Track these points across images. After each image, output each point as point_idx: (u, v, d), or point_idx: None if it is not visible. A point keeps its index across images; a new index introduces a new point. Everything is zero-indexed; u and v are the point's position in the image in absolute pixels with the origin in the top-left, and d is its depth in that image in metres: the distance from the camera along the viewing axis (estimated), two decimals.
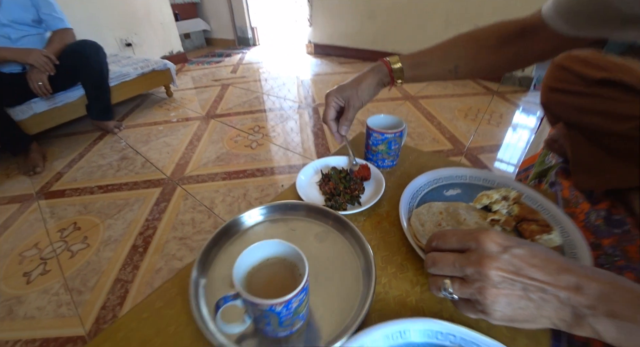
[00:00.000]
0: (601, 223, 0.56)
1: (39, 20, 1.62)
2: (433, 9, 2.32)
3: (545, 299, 0.28)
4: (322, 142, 1.54)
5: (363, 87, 0.55)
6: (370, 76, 0.56)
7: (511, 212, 0.49)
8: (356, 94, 0.55)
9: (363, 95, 0.55)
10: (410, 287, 0.41)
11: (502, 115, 1.75)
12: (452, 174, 0.59)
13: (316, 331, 0.36)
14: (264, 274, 0.35)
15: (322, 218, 0.50)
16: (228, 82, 2.52)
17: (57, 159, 1.62)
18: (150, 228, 1.08)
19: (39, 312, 0.84)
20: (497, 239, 0.30)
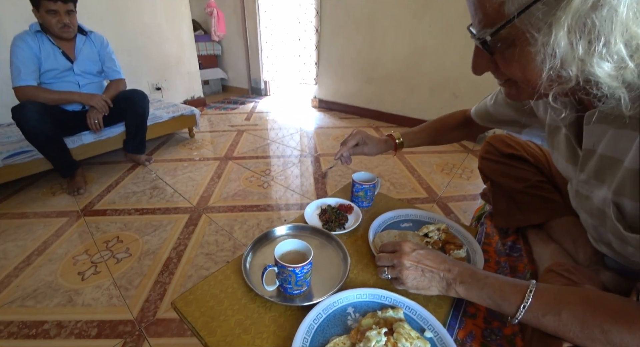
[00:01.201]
0: (503, 249, 0.86)
1: (101, 71, 2.02)
2: (420, 80, 2.79)
3: (433, 276, 0.57)
4: (321, 187, 1.86)
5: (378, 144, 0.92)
6: (383, 142, 0.92)
7: (440, 238, 0.79)
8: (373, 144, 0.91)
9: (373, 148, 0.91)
10: (370, 276, 0.69)
11: (472, 170, 2.09)
12: (408, 213, 0.89)
13: (314, 292, 0.64)
14: (288, 258, 0.64)
15: (320, 235, 0.79)
16: (243, 129, 2.91)
17: (96, 183, 1.92)
18: (182, 245, 1.34)
19: (94, 302, 1.09)
20: (410, 245, 0.60)
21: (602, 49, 0.33)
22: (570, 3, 0.31)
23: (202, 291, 0.65)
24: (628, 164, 0.42)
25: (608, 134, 0.45)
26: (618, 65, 0.34)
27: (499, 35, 0.38)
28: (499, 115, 0.81)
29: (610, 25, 0.31)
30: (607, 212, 0.49)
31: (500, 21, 0.37)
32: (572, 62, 0.35)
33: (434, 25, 2.55)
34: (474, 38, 0.43)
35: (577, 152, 0.53)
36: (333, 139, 2.66)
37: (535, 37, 0.35)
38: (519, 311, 0.47)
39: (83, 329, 0.99)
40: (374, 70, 3.06)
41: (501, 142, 0.99)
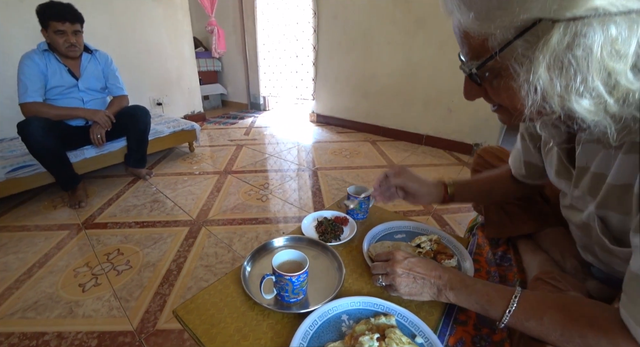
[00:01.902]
0: (493, 259, 0.89)
1: (105, 88, 2.08)
2: (414, 95, 2.86)
3: (425, 283, 0.60)
4: (318, 200, 1.89)
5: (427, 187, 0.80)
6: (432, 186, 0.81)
7: (432, 248, 0.82)
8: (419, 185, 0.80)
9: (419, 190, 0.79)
10: (364, 285, 0.72)
11: None
12: (401, 225, 0.93)
13: (310, 300, 0.66)
14: (285, 267, 0.67)
15: (317, 246, 0.82)
16: (242, 143, 2.96)
17: (97, 197, 1.95)
18: (182, 257, 1.37)
19: (95, 313, 1.10)
20: (402, 254, 0.63)
21: (579, 86, 0.34)
22: (547, 42, 0.33)
23: (202, 300, 0.68)
24: (611, 180, 0.45)
25: (600, 153, 0.47)
26: (597, 101, 0.35)
27: (485, 67, 0.41)
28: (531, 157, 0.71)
29: (586, 64, 0.32)
30: (592, 226, 0.52)
31: (485, 55, 0.39)
32: (553, 97, 0.36)
33: (427, 42, 2.65)
34: (463, 69, 0.45)
35: (570, 169, 0.55)
36: (331, 153, 2.70)
37: (518, 71, 0.37)
38: (505, 316, 0.50)
39: (83, 340, 1.00)
40: (370, 85, 3.15)
41: (492, 155, 1.04)
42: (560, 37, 0.32)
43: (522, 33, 0.35)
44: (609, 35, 0.31)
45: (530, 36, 0.34)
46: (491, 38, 0.37)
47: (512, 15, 0.34)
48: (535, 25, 0.34)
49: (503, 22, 0.35)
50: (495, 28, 0.36)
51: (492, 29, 0.37)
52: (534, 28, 0.34)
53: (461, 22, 0.40)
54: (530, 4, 0.33)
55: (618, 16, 0.30)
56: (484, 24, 0.37)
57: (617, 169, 0.44)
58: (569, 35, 0.32)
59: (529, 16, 0.33)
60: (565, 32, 0.32)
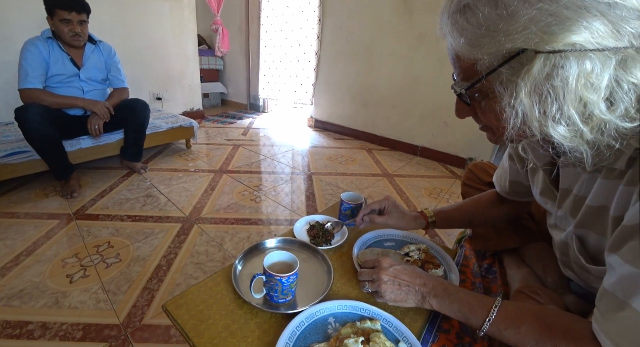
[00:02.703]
0: (479, 271, 0.91)
1: (106, 79, 2.08)
2: (412, 107, 2.91)
3: (409, 290, 0.61)
4: (311, 204, 1.91)
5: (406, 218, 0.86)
6: (412, 218, 0.86)
7: (420, 257, 0.84)
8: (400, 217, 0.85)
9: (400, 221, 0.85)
10: (352, 289, 0.73)
11: (459, 196, 2.14)
12: (391, 233, 0.95)
13: (298, 301, 0.68)
14: (276, 268, 0.68)
15: (307, 249, 0.84)
16: (239, 143, 2.97)
17: (90, 188, 1.94)
18: (172, 253, 1.37)
19: (81, 305, 1.10)
20: (388, 261, 0.65)
21: (556, 113, 0.37)
22: (529, 70, 0.36)
23: (192, 296, 0.69)
24: (589, 202, 0.48)
25: (582, 176, 0.49)
26: (572, 129, 0.37)
27: (474, 89, 0.44)
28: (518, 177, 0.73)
29: (563, 93, 0.35)
30: (570, 244, 0.55)
31: (474, 77, 0.42)
32: (532, 121, 0.38)
33: (428, 57, 2.70)
34: (454, 88, 0.48)
35: (554, 190, 0.58)
36: (326, 158, 2.73)
37: (502, 94, 0.40)
38: (484, 324, 0.52)
39: (68, 332, 1.00)
40: (369, 95, 3.19)
41: (481, 170, 1.07)
42: (541, 67, 0.35)
43: (508, 60, 0.38)
44: (584, 68, 0.34)
45: (515, 63, 0.37)
46: (479, 62, 0.40)
47: (498, 43, 0.37)
48: (519, 54, 0.36)
49: (490, 49, 0.38)
50: (483, 54, 0.39)
51: (480, 55, 0.40)
52: (519, 57, 0.37)
53: (453, 45, 0.43)
54: (514, 36, 0.36)
55: (593, 52, 0.33)
56: (473, 50, 0.40)
57: (596, 192, 0.47)
58: (549, 66, 0.35)
59: (514, 46, 0.36)
60: (545, 63, 0.35)
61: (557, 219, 0.60)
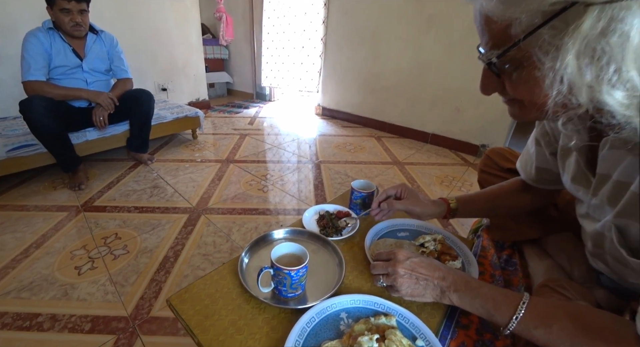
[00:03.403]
0: (498, 262, 0.86)
1: (110, 70, 2.05)
2: (422, 93, 2.82)
3: (427, 284, 0.57)
4: (320, 193, 1.87)
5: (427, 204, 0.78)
6: (433, 203, 0.79)
7: (436, 248, 0.80)
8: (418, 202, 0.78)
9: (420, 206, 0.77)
10: (365, 282, 0.70)
11: (472, 184, 2.10)
12: (405, 223, 0.90)
13: (308, 296, 0.64)
14: (284, 261, 0.64)
15: (317, 240, 0.80)
16: (245, 133, 2.93)
17: (98, 180, 1.93)
18: (179, 244, 1.35)
19: (90, 297, 1.09)
20: (404, 253, 0.60)
21: (612, 76, 0.31)
22: (578, 28, 0.30)
23: (197, 290, 0.66)
24: (635, 188, 0.42)
25: (625, 160, 0.43)
26: (631, 94, 0.32)
27: (506, 57, 0.38)
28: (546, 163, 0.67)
29: (622, 52, 0.30)
30: (606, 236, 0.50)
31: (507, 43, 0.37)
32: (581, 88, 0.33)
33: (438, 41, 2.59)
34: (482, 59, 0.43)
35: (589, 176, 0.52)
36: (335, 146, 2.67)
37: (542, 60, 0.34)
38: (511, 322, 0.48)
39: (77, 324, 0.99)
40: (377, 81, 3.10)
41: (500, 156, 1.01)
42: (594, 22, 0.30)
43: (551, 18, 0.32)
44: None
45: (559, 22, 0.32)
46: (515, 24, 0.35)
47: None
48: (565, 10, 0.31)
49: (530, 6, 0.33)
50: (520, 12, 0.34)
51: (517, 14, 0.34)
52: (564, 13, 0.31)
53: (484, 5, 0.37)
54: None
55: None
56: (508, 8, 0.34)
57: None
58: (604, 20, 0.29)
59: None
60: (599, 17, 0.29)
61: (590, 208, 0.55)
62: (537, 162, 0.68)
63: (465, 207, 0.80)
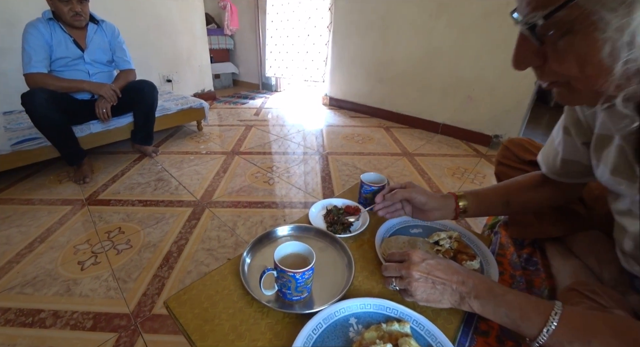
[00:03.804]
0: (518, 261, 0.81)
1: (112, 61, 2.00)
2: (433, 81, 2.72)
3: (445, 289, 0.52)
4: (328, 185, 1.82)
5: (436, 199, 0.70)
6: (440, 198, 0.71)
7: (452, 247, 0.74)
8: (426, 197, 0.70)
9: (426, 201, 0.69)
10: (375, 284, 0.65)
11: (485, 176, 2.03)
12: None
13: (315, 299, 0.60)
14: (289, 261, 0.60)
15: (324, 238, 0.75)
16: (251, 124, 2.88)
17: (102, 173, 1.91)
18: (183, 239, 1.32)
19: (92, 293, 1.07)
20: (419, 254, 0.55)
21: None
22: None
23: (196, 291, 0.62)
24: None
25: None
26: None
27: (554, 19, 0.32)
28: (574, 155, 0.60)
29: None
30: None
31: (556, 2, 0.31)
32: None
33: (450, 26, 2.48)
34: (520, 24, 0.36)
35: (635, 169, 0.46)
36: (342, 137, 2.61)
37: (606, 19, 0.28)
38: (541, 335, 0.43)
39: (79, 321, 0.97)
40: (386, 70, 3.01)
41: (520, 147, 0.94)
42: None
43: None
44: None
45: None
46: None
47: None
48: None
49: None
50: None
51: None
52: None
53: None
54: None
55: None
56: None
57: None
58: None
59: None
60: None
61: (633, 204, 0.48)
62: (564, 153, 0.61)
63: (475, 205, 0.71)
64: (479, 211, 0.72)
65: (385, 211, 0.74)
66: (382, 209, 0.74)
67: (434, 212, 0.71)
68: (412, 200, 0.70)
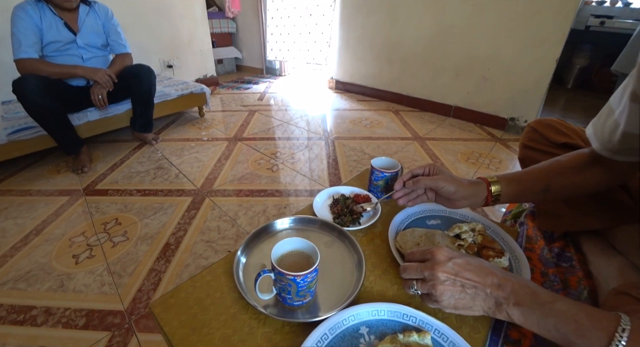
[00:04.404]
0: (550, 257, 0.71)
1: (107, 44, 1.91)
2: (445, 61, 2.57)
3: (477, 293, 0.43)
4: (334, 172, 1.73)
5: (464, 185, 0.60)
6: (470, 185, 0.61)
7: (475, 241, 0.65)
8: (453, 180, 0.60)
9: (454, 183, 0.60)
10: (390, 285, 0.56)
11: (501, 161, 1.91)
12: (435, 207, 0.75)
13: (319, 305, 0.52)
14: (289, 261, 0.52)
15: (331, 231, 0.67)
16: (255, 109, 2.78)
17: (101, 162, 1.85)
18: (182, 230, 1.25)
19: (86, 288, 1.01)
20: (445, 252, 0.46)
21: None
22: None
23: (185, 294, 0.54)
24: None
25: None
26: None
27: None
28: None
29: None
30: None
31: None
32: None
33: (465, 1, 2.31)
34: None
35: None
36: (350, 122, 2.50)
37: None
38: None
39: (71, 318, 0.92)
40: (395, 50, 2.85)
41: (550, 129, 0.83)
42: None
43: None
44: None
45: None
46: None
47: None
48: None
49: None
50: None
51: None
52: None
53: None
54: None
55: None
56: None
57: None
58: None
59: None
60: None
61: None
62: (627, 125, 0.50)
63: (509, 191, 0.61)
64: (513, 197, 0.62)
65: (405, 199, 0.65)
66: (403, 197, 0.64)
67: (462, 201, 0.61)
68: (438, 190, 0.61)
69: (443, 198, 0.63)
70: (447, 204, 0.64)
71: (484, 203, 0.63)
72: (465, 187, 0.61)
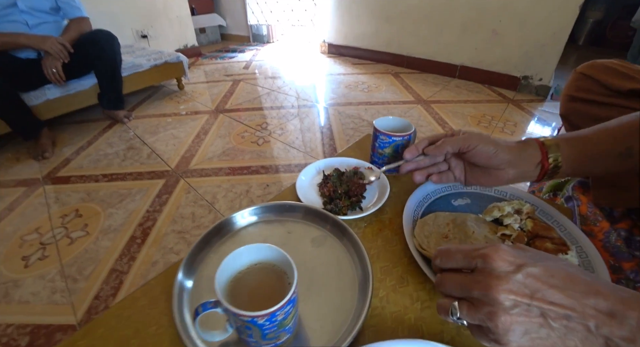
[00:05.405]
0: (622, 245, 0.52)
1: (57, 8, 1.63)
2: (450, 15, 2.27)
3: (570, 327, 0.23)
4: (329, 142, 1.52)
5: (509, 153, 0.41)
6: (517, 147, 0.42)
7: (524, 228, 0.46)
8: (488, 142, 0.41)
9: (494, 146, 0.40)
10: (409, 302, 0.38)
11: (516, 124, 1.70)
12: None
13: (305, 344, 0.33)
14: (252, 280, 0.33)
15: (320, 222, 0.47)
16: (239, 78, 2.52)
17: (67, 145, 1.63)
18: (150, 220, 1.07)
19: (34, 298, 0.84)
20: (508, 256, 0.26)
21: None
22: None
23: (105, 329, 0.36)
24: None
25: None
26: None
27: None
28: None
29: None
30: None
31: None
32: None
33: None
34: None
35: None
36: (345, 87, 2.25)
37: None
38: None
39: (12, 337, 0.75)
40: (393, 5, 2.54)
41: (609, 73, 0.61)
42: None
43: None
44: None
45: None
46: None
47: None
48: None
49: None
50: None
51: None
52: None
53: None
54: None
55: None
56: None
57: None
58: None
59: None
60: None
61: None
62: None
63: (575, 153, 0.41)
64: (579, 164, 0.42)
65: (421, 174, 0.45)
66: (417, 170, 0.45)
67: (507, 170, 0.41)
68: (470, 152, 0.41)
69: (478, 170, 0.43)
70: (484, 180, 0.44)
71: (538, 173, 0.42)
72: (509, 150, 0.41)
